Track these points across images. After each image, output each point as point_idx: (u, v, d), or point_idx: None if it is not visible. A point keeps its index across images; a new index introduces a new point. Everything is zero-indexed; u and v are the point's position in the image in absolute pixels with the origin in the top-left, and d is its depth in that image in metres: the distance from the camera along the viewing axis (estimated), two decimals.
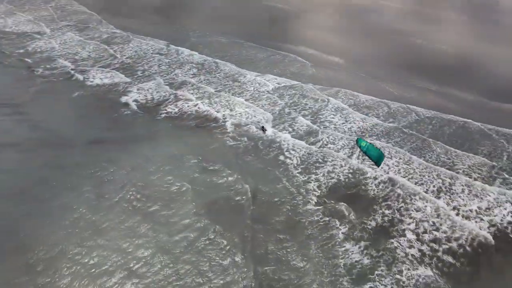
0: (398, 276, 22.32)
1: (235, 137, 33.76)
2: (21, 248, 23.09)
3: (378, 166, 24.97)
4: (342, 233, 24.95)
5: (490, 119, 36.79)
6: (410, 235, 24.89)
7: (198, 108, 37.89)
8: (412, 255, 23.61)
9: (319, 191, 28.09)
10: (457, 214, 26.36)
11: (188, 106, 38.17)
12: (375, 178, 29.10)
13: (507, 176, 29.96)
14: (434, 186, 28.60)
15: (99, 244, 23.51)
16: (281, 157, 31.36)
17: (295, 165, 30.57)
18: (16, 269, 21.90)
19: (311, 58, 49.48)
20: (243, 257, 23.12)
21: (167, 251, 23.31)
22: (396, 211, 26.64)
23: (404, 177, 29.30)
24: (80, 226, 24.63)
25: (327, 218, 25.88)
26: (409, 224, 25.69)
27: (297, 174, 29.63)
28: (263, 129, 34.16)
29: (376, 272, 22.57)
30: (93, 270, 22.03)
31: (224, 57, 49.30)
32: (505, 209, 26.88)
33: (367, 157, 28.30)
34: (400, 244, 24.23)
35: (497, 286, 22.25)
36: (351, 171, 30.01)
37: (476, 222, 25.84)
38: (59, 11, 64.89)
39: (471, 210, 26.65)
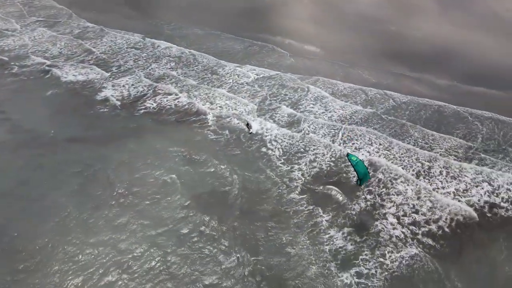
0: (381, 260, 22.99)
1: (216, 130, 33.71)
2: (12, 248, 22.92)
3: (360, 185, 25.80)
4: (325, 220, 25.42)
5: (463, 102, 37.85)
6: (392, 219, 25.60)
7: (178, 102, 37.57)
8: (395, 237, 24.32)
9: (302, 181, 28.48)
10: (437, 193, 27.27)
11: (167, 101, 37.80)
12: None
13: (483, 155, 31.02)
14: (413, 170, 29.40)
15: (90, 242, 23.39)
16: (264, 149, 31.56)
17: (278, 156, 30.84)
18: (8, 269, 21.79)
19: (289, 48, 49.55)
20: (234, 248, 23.39)
21: (159, 246, 23.36)
22: (377, 196, 27.29)
23: (385, 162, 29.96)
24: (70, 225, 24.42)
25: (311, 207, 26.33)
26: (390, 208, 26.40)
27: (280, 165, 29.92)
28: (247, 126, 33.60)
29: (360, 256, 23.17)
30: (85, 268, 21.96)
31: (201, 49, 48.81)
32: (483, 188, 27.93)
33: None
34: (383, 228, 24.91)
35: (479, 262, 23.17)
36: (333, 159, 30.51)
37: (457, 200, 26.76)
38: (27, 7, 62.76)
39: (449, 192, 27.55)
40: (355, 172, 27.08)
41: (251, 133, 33.01)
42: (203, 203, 26.34)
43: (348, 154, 24.23)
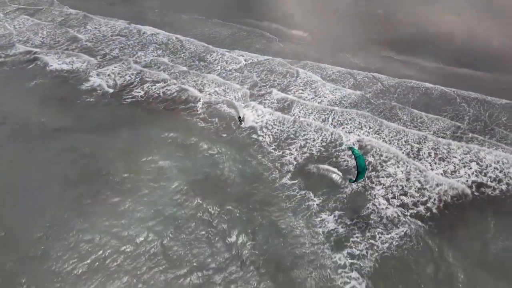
0: (372, 241, 23.51)
1: (206, 118, 33.64)
2: (10, 240, 23.07)
3: (353, 182, 26.08)
4: (316, 204, 25.84)
5: (450, 83, 38.22)
6: (382, 200, 26.07)
7: (167, 89, 37.23)
8: (385, 219, 24.82)
9: (294, 166, 28.72)
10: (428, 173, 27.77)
11: (155, 89, 37.43)
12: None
13: (471, 135, 31.53)
14: (403, 152, 29.81)
15: (88, 231, 23.58)
16: (254, 136, 31.66)
17: (269, 142, 30.98)
18: (5, 261, 21.94)
19: (276, 33, 49.14)
20: (230, 232, 23.80)
21: (156, 232, 23.67)
22: (366, 178, 27.67)
23: (375, 145, 30.29)
24: (67, 216, 24.53)
25: (303, 191, 26.70)
26: (380, 190, 26.84)
27: (272, 151, 30.10)
28: (239, 119, 33.15)
29: (351, 239, 23.70)
30: (83, 256, 22.25)
31: (187, 35, 48.16)
32: (471, 168, 28.51)
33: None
34: (373, 210, 25.39)
35: (470, 239, 23.77)
36: (323, 144, 30.76)
37: (447, 179, 27.32)
38: None
39: (438, 173, 28.06)
40: (355, 166, 27.19)
41: (241, 126, 32.75)
42: (197, 190, 26.53)
43: (351, 147, 24.65)
